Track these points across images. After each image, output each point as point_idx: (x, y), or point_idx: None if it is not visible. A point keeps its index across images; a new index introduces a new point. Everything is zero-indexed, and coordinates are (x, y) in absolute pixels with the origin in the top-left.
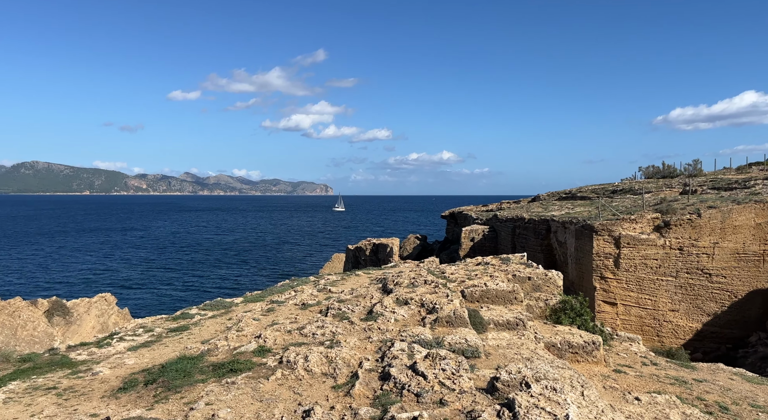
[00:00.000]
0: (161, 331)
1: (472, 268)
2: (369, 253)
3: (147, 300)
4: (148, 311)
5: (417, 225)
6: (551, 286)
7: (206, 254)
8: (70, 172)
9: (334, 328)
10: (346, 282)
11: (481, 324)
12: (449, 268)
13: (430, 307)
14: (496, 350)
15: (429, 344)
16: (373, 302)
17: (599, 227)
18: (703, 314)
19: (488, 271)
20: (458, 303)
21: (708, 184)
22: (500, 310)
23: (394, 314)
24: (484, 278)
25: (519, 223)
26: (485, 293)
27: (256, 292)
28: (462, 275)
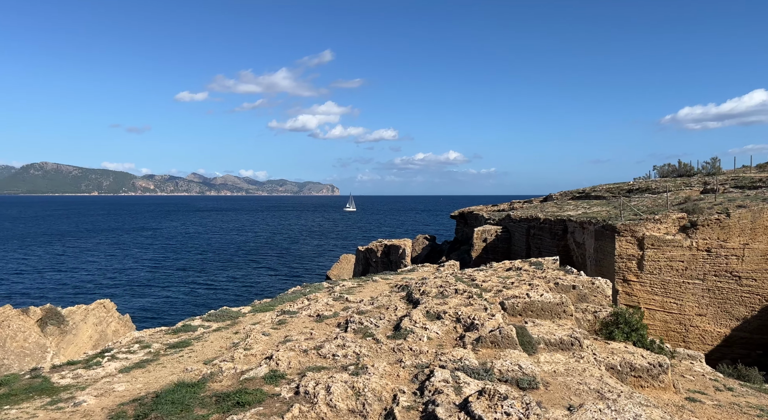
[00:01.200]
0: (159, 348)
1: (504, 275)
2: (380, 255)
3: (154, 303)
4: (153, 314)
5: (425, 225)
6: (599, 295)
7: (216, 254)
8: (78, 173)
9: (358, 348)
10: (363, 289)
11: (530, 344)
12: (479, 275)
13: (467, 322)
14: (555, 378)
15: (476, 372)
16: (398, 315)
17: (621, 228)
18: (732, 319)
19: (523, 278)
20: (500, 318)
21: (730, 183)
22: (549, 325)
23: (426, 331)
24: (523, 287)
25: (534, 224)
26: (529, 305)
27: (266, 301)
28: (496, 283)
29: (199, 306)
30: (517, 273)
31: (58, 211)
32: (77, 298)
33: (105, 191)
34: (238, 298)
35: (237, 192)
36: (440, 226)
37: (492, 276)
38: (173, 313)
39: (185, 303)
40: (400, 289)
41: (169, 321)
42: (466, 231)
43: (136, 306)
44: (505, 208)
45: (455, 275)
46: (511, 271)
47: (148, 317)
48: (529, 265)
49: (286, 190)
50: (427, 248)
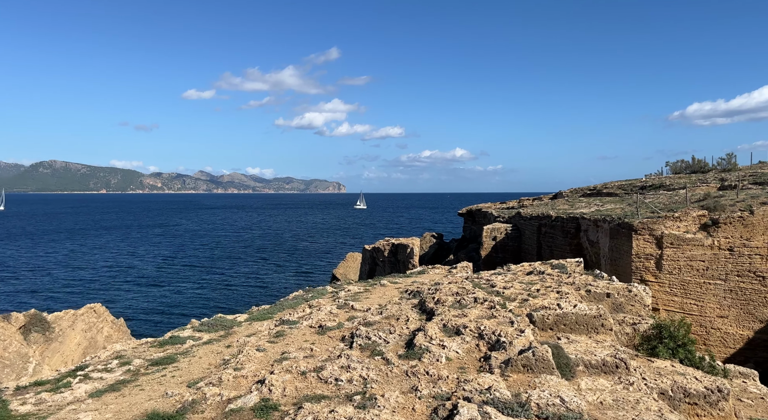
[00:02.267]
0: (140, 365)
1: (527, 280)
2: (387, 254)
3: (158, 302)
4: (155, 315)
5: (431, 222)
6: (636, 304)
7: (224, 251)
8: (87, 171)
9: (365, 371)
10: (370, 295)
11: (568, 367)
12: (498, 280)
13: (492, 339)
14: (603, 413)
15: (509, 407)
16: (410, 328)
17: (639, 226)
18: (756, 321)
19: (548, 284)
20: (530, 334)
21: (748, 179)
22: (586, 342)
23: (444, 350)
24: (550, 295)
25: (545, 221)
26: (561, 318)
27: (264, 307)
28: (519, 290)
29: (202, 307)
30: (540, 277)
31: (66, 208)
32: (79, 298)
33: (113, 189)
34: (243, 298)
35: (244, 190)
36: (448, 224)
37: (513, 281)
38: (175, 313)
39: (190, 302)
40: (410, 295)
41: (168, 324)
42: (474, 229)
43: (139, 306)
44: (514, 206)
45: (472, 280)
46: (532, 275)
47: (149, 319)
48: (551, 267)
49: (293, 187)
50: (435, 246)
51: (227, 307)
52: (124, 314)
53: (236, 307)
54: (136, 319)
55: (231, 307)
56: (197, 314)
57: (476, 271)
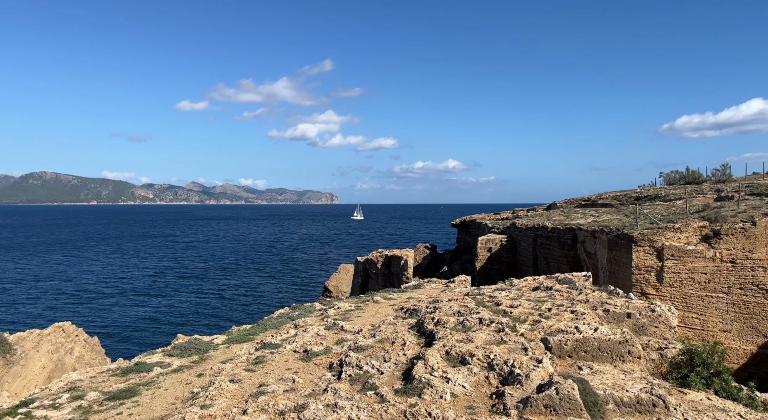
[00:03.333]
0: (95, 399)
1: (534, 297)
2: (381, 267)
3: (144, 316)
4: (136, 331)
5: (425, 233)
6: (661, 326)
7: (217, 262)
8: (77, 182)
9: (355, 411)
10: (362, 313)
11: (596, 406)
12: (503, 297)
13: (504, 370)
14: None
15: None
16: (408, 355)
17: (639, 237)
18: (759, 335)
19: (559, 302)
20: (549, 364)
21: (745, 190)
22: (612, 373)
23: (448, 384)
24: (564, 316)
25: (541, 232)
26: (581, 344)
27: (245, 327)
28: (528, 309)
29: (192, 321)
30: (549, 294)
31: (57, 220)
32: (61, 313)
33: (104, 200)
34: (235, 310)
35: (236, 201)
36: (441, 235)
37: (520, 299)
38: (163, 327)
39: (180, 315)
40: (407, 314)
41: (152, 340)
42: (468, 240)
43: (127, 319)
44: (509, 217)
45: (474, 297)
46: (539, 291)
47: (133, 335)
48: (557, 282)
49: (286, 198)
50: (428, 258)
51: (219, 319)
52: (108, 329)
53: (228, 319)
54: (119, 335)
55: (223, 318)
56: (187, 328)
57: (474, 285)
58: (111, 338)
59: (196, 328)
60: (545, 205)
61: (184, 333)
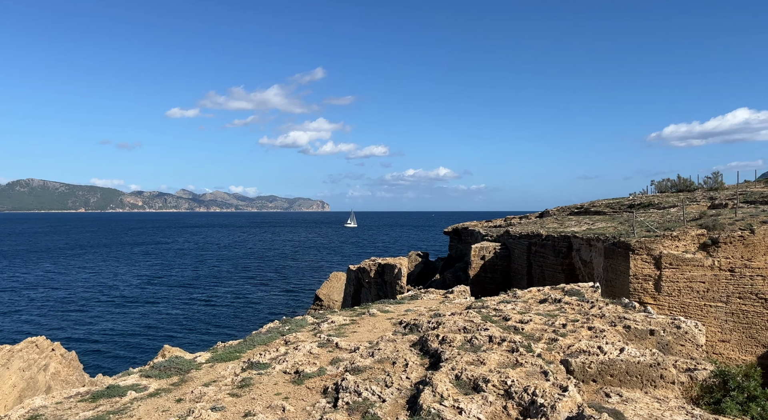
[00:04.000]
0: None
1: (543, 310)
2: (374, 275)
3: (134, 324)
4: (127, 341)
5: (417, 241)
6: (687, 344)
7: (208, 270)
8: (65, 189)
9: None
10: (358, 327)
11: None
12: (510, 311)
13: (525, 399)
14: None
15: None
16: (411, 378)
17: (636, 245)
18: (758, 346)
19: (572, 317)
20: (576, 393)
21: (739, 198)
22: (645, 402)
23: (461, 415)
24: (581, 333)
25: (535, 240)
26: (607, 367)
27: (231, 343)
28: (540, 325)
29: (182, 331)
30: (559, 307)
31: (44, 227)
32: (46, 325)
33: (92, 208)
34: (226, 319)
35: (226, 208)
36: (433, 242)
37: (528, 312)
38: (151, 338)
39: (169, 325)
40: (407, 329)
41: (138, 356)
42: (461, 247)
43: (114, 330)
44: (501, 224)
45: (479, 311)
46: (547, 303)
47: (118, 348)
48: (564, 293)
49: (276, 206)
50: (420, 265)
51: (209, 329)
52: (92, 341)
53: (218, 328)
54: (103, 347)
55: (213, 326)
56: (175, 339)
57: (474, 296)
58: (93, 351)
59: (185, 339)
60: (537, 213)
61: (172, 344)
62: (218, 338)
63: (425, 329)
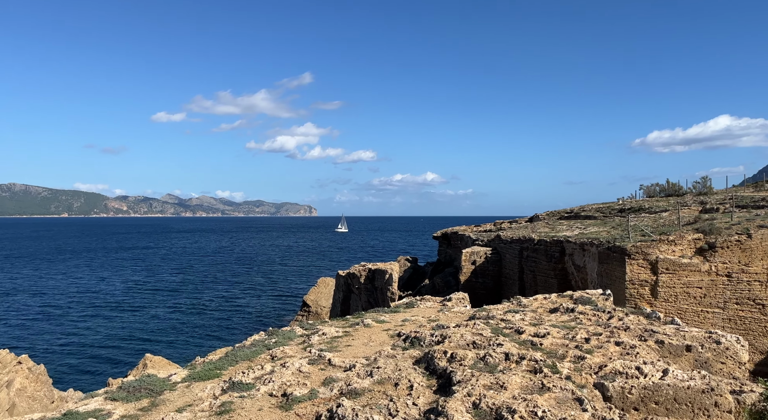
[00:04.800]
0: None
1: (555, 320)
2: (364, 281)
3: (117, 331)
4: (109, 349)
5: (405, 245)
6: (729, 362)
7: (195, 276)
8: (48, 194)
9: None
10: (352, 340)
11: None
12: (519, 321)
13: None
14: None
15: None
16: (419, 404)
17: (633, 250)
18: (756, 352)
19: (592, 329)
20: None
21: (729, 203)
22: None
23: None
24: (610, 349)
25: (527, 245)
26: (651, 393)
27: (212, 358)
28: (559, 339)
29: (167, 338)
30: (573, 318)
31: (27, 232)
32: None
33: (75, 213)
34: (214, 325)
35: (213, 213)
36: (422, 247)
37: (542, 324)
38: (128, 347)
39: (153, 332)
40: (407, 342)
41: (108, 367)
42: (450, 252)
43: (94, 339)
44: (492, 229)
45: (485, 321)
46: (559, 313)
47: (92, 357)
48: (573, 301)
49: (263, 211)
50: (409, 270)
51: (193, 336)
52: (70, 351)
53: (203, 337)
54: (80, 357)
55: (198, 336)
56: (161, 346)
57: (475, 306)
58: (71, 363)
59: (169, 347)
60: (527, 218)
61: (155, 353)
62: (203, 346)
63: (428, 343)
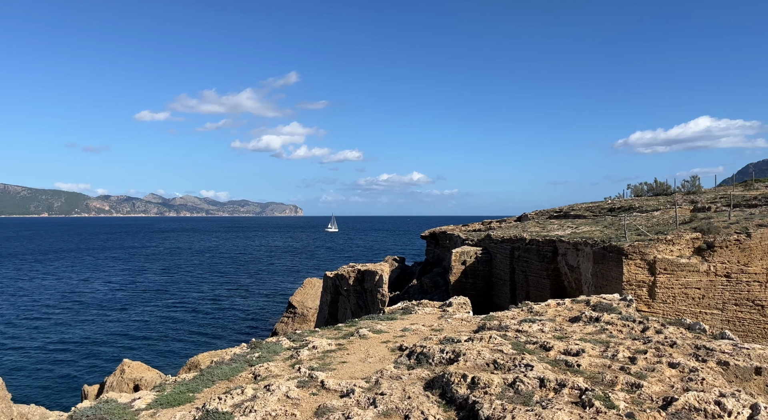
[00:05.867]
0: None
1: (581, 332)
2: (353, 282)
3: (100, 333)
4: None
5: (393, 245)
6: None
7: (182, 276)
8: (27, 193)
9: None
10: (347, 355)
11: None
12: (538, 332)
13: None
14: None
15: None
16: None
17: (630, 250)
18: None
19: (629, 343)
20: None
21: (721, 201)
22: None
23: None
24: (666, 373)
25: (518, 245)
26: None
27: (186, 377)
28: (600, 359)
29: (140, 347)
30: (599, 329)
31: (5, 232)
32: None
33: (55, 212)
34: (188, 333)
35: (197, 213)
36: (410, 247)
37: (569, 338)
38: (106, 352)
39: (128, 339)
40: (411, 358)
41: (80, 375)
42: (438, 252)
43: (66, 344)
44: (481, 228)
45: (502, 334)
46: (581, 323)
47: (66, 365)
48: (588, 306)
49: (248, 210)
50: (397, 271)
51: (175, 339)
52: (40, 358)
53: (184, 339)
54: (51, 364)
55: (179, 337)
56: (141, 350)
57: (476, 310)
58: (44, 368)
59: (149, 350)
60: (515, 217)
61: (134, 357)
62: (186, 349)
63: (438, 361)
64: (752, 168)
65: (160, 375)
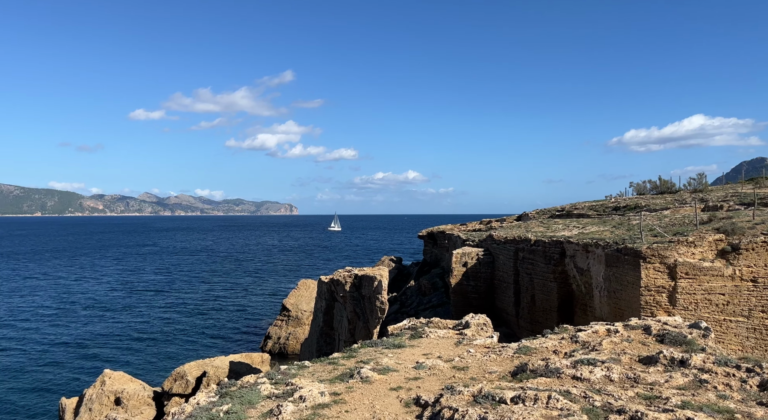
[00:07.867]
0: None
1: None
2: (349, 288)
3: (76, 342)
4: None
5: (389, 244)
6: None
7: (180, 274)
8: (20, 192)
9: None
10: (345, 414)
11: None
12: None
13: None
14: None
15: None
16: None
17: (648, 252)
18: None
19: (736, 400)
20: None
21: (733, 200)
22: None
23: None
24: None
25: (523, 246)
26: None
27: None
28: None
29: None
30: (694, 379)
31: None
32: None
33: (49, 212)
34: (176, 340)
35: (192, 212)
36: (406, 245)
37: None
38: (89, 360)
39: (111, 347)
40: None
41: (60, 385)
42: (436, 252)
43: (54, 347)
44: (481, 228)
45: (568, 393)
46: (660, 365)
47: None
48: (647, 335)
49: (243, 209)
50: (394, 271)
51: (160, 347)
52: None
53: (170, 347)
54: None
55: (165, 345)
56: (124, 357)
57: (468, 312)
58: (25, 378)
59: (133, 358)
60: (515, 216)
61: (115, 367)
62: (174, 356)
63: None
64: (745, 166)
65: (143, 386)
